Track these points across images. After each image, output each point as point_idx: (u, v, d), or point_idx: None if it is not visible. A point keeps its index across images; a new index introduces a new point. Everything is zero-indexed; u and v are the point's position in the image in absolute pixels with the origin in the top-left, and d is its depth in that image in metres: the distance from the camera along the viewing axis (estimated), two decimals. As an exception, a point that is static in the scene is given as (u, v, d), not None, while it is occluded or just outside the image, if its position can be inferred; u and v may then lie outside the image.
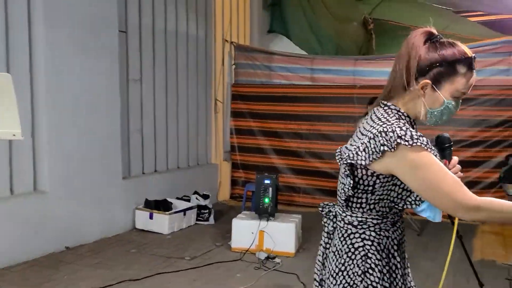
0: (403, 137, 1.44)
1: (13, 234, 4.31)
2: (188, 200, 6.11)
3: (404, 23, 9.87)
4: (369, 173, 1.53)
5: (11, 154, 4.41)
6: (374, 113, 1.58)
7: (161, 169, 6.38)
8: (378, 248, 1.57)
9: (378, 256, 1.56)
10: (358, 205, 1.59)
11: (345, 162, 1.56)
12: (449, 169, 1.53)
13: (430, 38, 1.53)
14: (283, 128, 7.21)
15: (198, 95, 7.05)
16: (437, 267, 4.55)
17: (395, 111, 1.56)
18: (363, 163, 1.51)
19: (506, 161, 5.35)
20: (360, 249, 1.57)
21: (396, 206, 1.58)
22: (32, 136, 4.59)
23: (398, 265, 1.60)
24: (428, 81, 1.51)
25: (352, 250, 1.57)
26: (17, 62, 4.42)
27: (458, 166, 1.62)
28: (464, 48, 1.52)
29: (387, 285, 1.57)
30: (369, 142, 1.50)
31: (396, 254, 1.60)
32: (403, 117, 1.56)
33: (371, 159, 1.49)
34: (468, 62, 1.51)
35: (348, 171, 1.56)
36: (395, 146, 1.44)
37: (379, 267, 1.56)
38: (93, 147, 5.10)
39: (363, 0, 10.06)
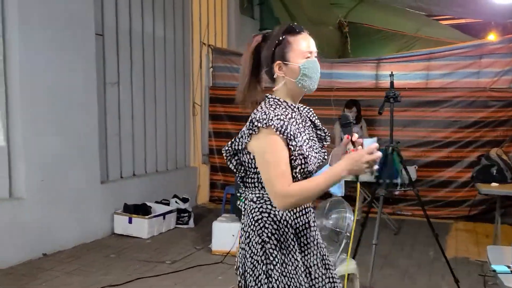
0: (262, 120, 1.67)
1: (-11, 241, 4.22)
2: (168, 204, 6.09)
3: (378, 26, 10.07)
4: (251, 156, 1.74)
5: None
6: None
7: (139, 173, 6.34)
8: (275, 219, 1.73)
9: (275, 226, 1.73)
10: (253, 184, 1.77)
11: (228, 147, 1.80)
12: (352, 142, 1.71)
13: (262, 40, 1.81)
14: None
15: (176, 98, 7.03)
16: (414, 264, 4.66)
17: (273, 100, 1.79)
18: (239, 147, 1.75)
19: (478, 161, 5.50)
20: (259, 221, 1.74)
21: None
22: (7, 140, 4.51)
23: (295, 236, 1.76)
24: (278, 61, 1.76)
25: (253, 222, 1.75)
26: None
27: (360, 141, 1.73)
28: (284, 24, 1.79)
29: (284, 252, 1.73)
30: (244, 128, 1.73)
31: (293, 223, 1.76)
32: (279, 103, 1.78)
33: (244, 142, 1.73)
34: (290, 28, 1.77)
35: (232, 155, 1.79)
36: (256, 129, 1.68)
37: (275, 235, 1.73)
38: (71, 151, 5.04)
39: (337, 3, 10.20)
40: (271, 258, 1.71)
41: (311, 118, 1.94)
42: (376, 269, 4.05)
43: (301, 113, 1.87)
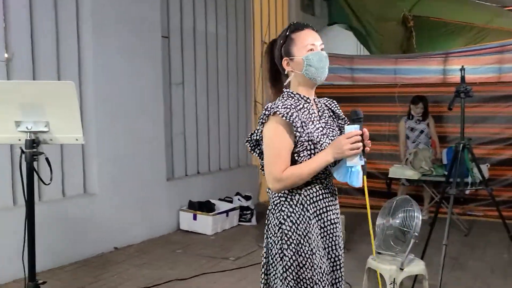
0: (270, 109, 1.85)
1: (65, 235, 4.48)
2: (231, 201, 6.19)
3: (445, 19, 9.65)
4: None
5: (63, 158, 4.59)
6: None
7: (203, 170, 6.49)
8: (291, 203, 1.88)
9: (291, 209, 1.88)
10: None
11: (249, 137, 1.99)
12: (361, 136, 1.82)
13: (272, 43, 2.02)
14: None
15: (238, 96, 7.13)
16: (486, 267, 4.44)
17: (286, 93, 1.95)
18: (257, 137, 1.95)
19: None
20: (278, 205, 1.90)
21: None
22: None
23: (313, 219, 1.89)
24: (285, 58, 1.94)
25: (273, 206, 1.92)
26: (67, 68, 4.59)
27: (367, 134, 1.86)
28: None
29: (300, 233, 1.86)
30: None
31: (309, 208, 1.89)
32: (291, 95, 1.94)
33: (259, 132, 1.92)
34: (293, 27, 1.96)
35: (255, 145, 1.98)
36: (266, 118, 1.86)
37: (291, 218, 1.87)
38: (139, 150, 5.25)
39: (402, -3, 9.89)
40: (286, 238, 1.87)
41: (333, 108, 2.08)
42: (446, 271, 3.90)
43: (317, 104, 2.01)
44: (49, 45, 4.44)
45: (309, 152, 1.86)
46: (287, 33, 1.95)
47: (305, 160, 1.85)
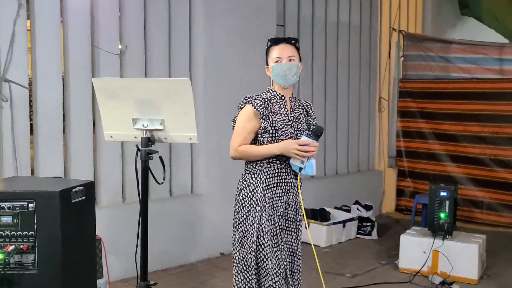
0: (247, 98, 2.87)
1: (172, 236, 4.83)
2: (348, 211, 6.19)
3: None
4: None
5: (171, 156, 4.95)
6: None
7: (318, 174, 6.56)
8: (253, 176, 2.86)
9: (251, 180, 2.86)
10: None
11: (232, 120, 2.97)
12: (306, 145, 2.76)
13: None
14: (461, 130, 6.88)
15: (361, 92, 7.09)
16: None
17: (267, 90, 2.95)
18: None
19: None
20: (244, 175, 2.93)
21: None
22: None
23: (266, 190, 2.83)
24: (266, 65, 2.96)
25: (241, 176, 2.94)
26: (178, 60, 4.95)
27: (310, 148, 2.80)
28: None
29: (254, 199, 2.83)
30: None
31: (266, 181, 2.84)
32: (270, 91, 2.93)
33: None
34: (272, 42, 2.95)
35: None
36: (243, 105, 2.88)
37: (249, 187, 2.86)
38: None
39: None
40: (243, 201, 2.87)
41: (307, 108, 3.02)
42: None
43: (292, 102, 2.94)
44: (161, 36, 4.82)
45: (270, 135, 2.82)
46: (267, 47, 2.94)
47: (267, 141, 2.81)
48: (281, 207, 2.89)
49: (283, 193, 2.88)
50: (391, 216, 7.22)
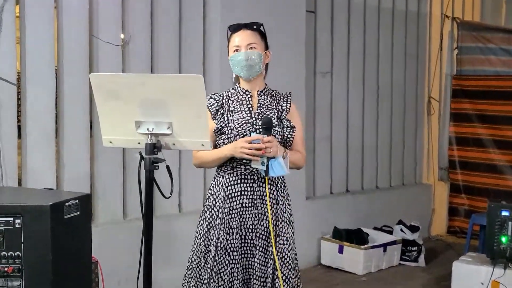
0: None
1: (180, 258, 4.85)
2: (390, 232, 6.17)
3: None
4: None
5: (180, 166, 4.98)
6: None
7: (354, 188, 6.54)
8: (216, 183, 3.03)
9: (214, 189, 3.02)
10: None
11: None
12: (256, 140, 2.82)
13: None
14: (528, 137, 6.82)
15: (406, 91, 7.06)
16: None
17: (234, 87, 3.11)
18: None
19: None
20: (211, 183, 3.10)
21: None
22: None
23: (227, 200, 2.96)
24: (228, 57, 3.04)
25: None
26: (189, 54, 5.00)
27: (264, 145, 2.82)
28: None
29: (215, 210, 3.00)
30: None
31: (227, 190, 2.97)
32: (234, 89, 3.10)
33: None
34: (229, 30, 3.07)
35: None
36: None
37: (213, 196, 3.03)
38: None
39: None
40: (205, 210, 3.05)
41: (280, 102, 3.13)
42: None
43: (260, 97, 3.07)
44: (171, 26, 4.87)
45: (227, 136, 2.94)
46: (229, 34, 3.05)
47: (222, 141, 2.95)
48: (249, 219, 2.96)
49: (250, 204, 2.95)
50: (442, 239, 7.17)
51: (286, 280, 2.98)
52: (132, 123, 2.35)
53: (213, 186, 3.03)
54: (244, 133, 2.92)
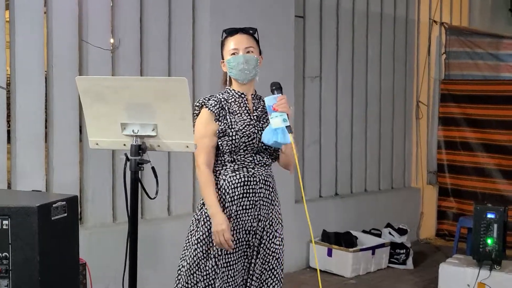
0: (200, 102, 3.02)
1: (169, 263, 4.86)
2: (379, 235, 6.20)
3: None
4: None
5: (169, 169, 5.00)
6: None
7: (343, 192, 6.57)
8: (217, 186, 2.98)
9: (216, 192, 2.97)
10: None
11: None
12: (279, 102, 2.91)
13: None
14: (515, 140, 6.88)
15: (394, 95, 7.10)
16: None
17: (224, 89, 3.10)
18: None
19: None
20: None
21: (228, 156, 3.00)
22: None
23: (229, 202, 2.96)
24: (222, 60, 3.08)
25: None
26: (179, 57, 5.02)
27: (284, 100, 2.93)
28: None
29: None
30: None
31: (230, 192, 2.96)
32: (227, 91, 3.07)
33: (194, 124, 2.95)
34: (227, 32, 3.08)
35: None
36: (198, 109, 3.03)
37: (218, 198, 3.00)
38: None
39: None
40: (204, 216, 2.99)
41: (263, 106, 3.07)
42: None
43: (254, 100, 3.10)
44: (160, 30, 4.90)
45: (230, 138, 2.94)
46: (222, 38, 3.08)
47: (226, 146, 2.94)
48: (248, 221, 2.99)
49: (251, 206, 2.99)
50: (430, 242, 7.21)
51: (281, 280, 3.09)
52: (118, 125, 2.39)
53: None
54: (249, 135, 2.96)
